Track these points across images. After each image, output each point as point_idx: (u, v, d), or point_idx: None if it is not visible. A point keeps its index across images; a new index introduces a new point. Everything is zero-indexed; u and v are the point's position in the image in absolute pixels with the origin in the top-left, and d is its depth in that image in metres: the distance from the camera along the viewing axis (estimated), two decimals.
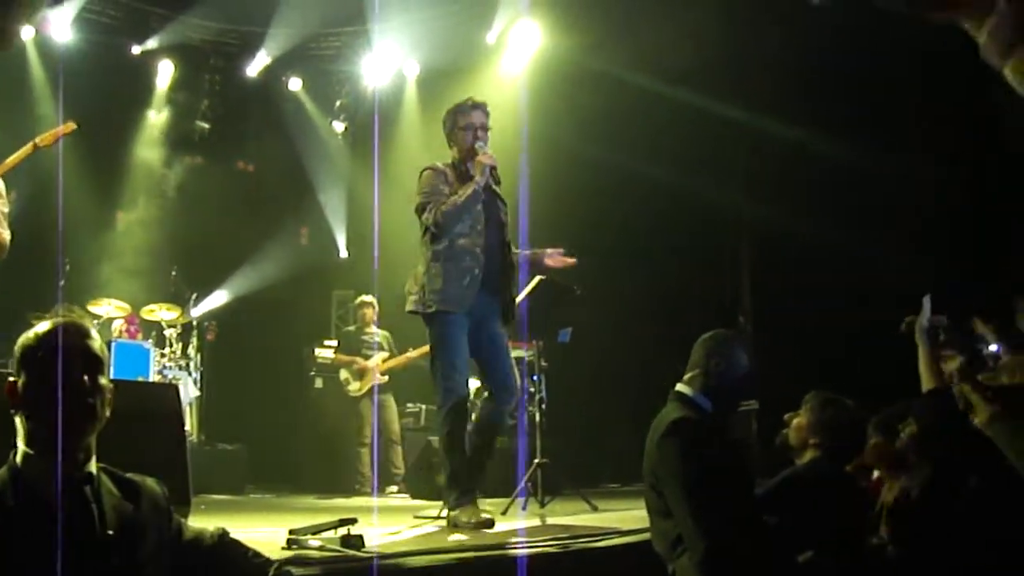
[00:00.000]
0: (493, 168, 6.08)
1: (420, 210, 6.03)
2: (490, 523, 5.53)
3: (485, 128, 6.19)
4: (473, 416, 6.36)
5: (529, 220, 6.64)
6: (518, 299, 7.01)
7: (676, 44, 10.78)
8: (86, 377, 2.56)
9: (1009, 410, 3.81)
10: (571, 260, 6.48)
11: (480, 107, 6.29)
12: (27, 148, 6.57)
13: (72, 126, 7.40)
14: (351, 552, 4.01)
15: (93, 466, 2.57)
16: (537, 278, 6.82)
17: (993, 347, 5.43)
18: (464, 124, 6.18)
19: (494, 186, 6.18)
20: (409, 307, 6.11)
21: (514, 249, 6.35)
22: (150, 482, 2.74)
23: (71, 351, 2.55)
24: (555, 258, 6.45)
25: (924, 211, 10.12)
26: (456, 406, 5.91)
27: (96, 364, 2.61)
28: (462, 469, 5.84)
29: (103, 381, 2.60)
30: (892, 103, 10.22)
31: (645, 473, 3.88)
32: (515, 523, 5.99)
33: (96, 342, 2.64)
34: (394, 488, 10.25)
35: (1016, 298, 5.45)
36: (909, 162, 9.96)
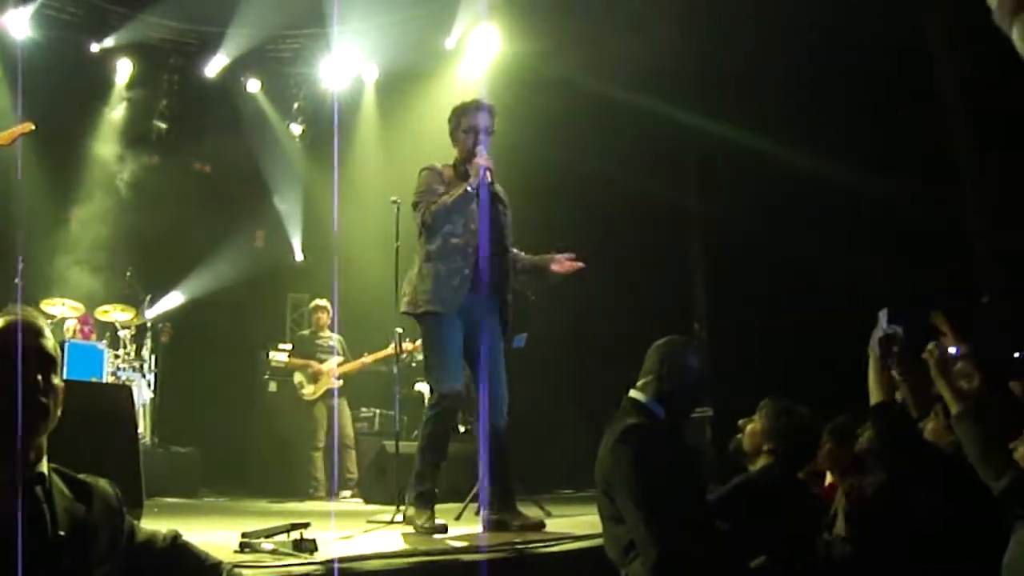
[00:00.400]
0: (489, 170, 5.98)
1: (413, 209, 6.05)
2: (443, 528, 5.53)
3: (488, 131, 6.15)
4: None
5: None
6: None
7: (633, 51, 10.85)
8: (39, 376, 2.54)
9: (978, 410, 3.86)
10: (579, 264, 6.35)
11: (486, 108, 6.23)
12: None
13: (30, 126, 7.36)
14: (304, 556, 4.01)
15: (44, 466, 2.55)
16: None
17: (952, 349, 5.51)
18: (467, 126, 6.15)
19: (496, 187, 6.13)
20: (401, 308, 6.09)
21: (519, 253, 6.32)
22: (102, 483, 2.72)
23: (24, 350, 2.53)
24: (563, 264, 6.32)
25: (879, 216, 10.23)
26: (443, 410, 5.87)
27: (49, 363, 2.59)
28: (429, 472, 5.80)
29: (56, 381, 2.58)
30: (847, 109, 10.32)
31: (598, 479, 3.87)
32: (469, 528, 5.96)
33: (49, 341, 2.62)
34: (348, 493, 10.22)
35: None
36: (864, 168, 10.07)
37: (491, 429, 5.87)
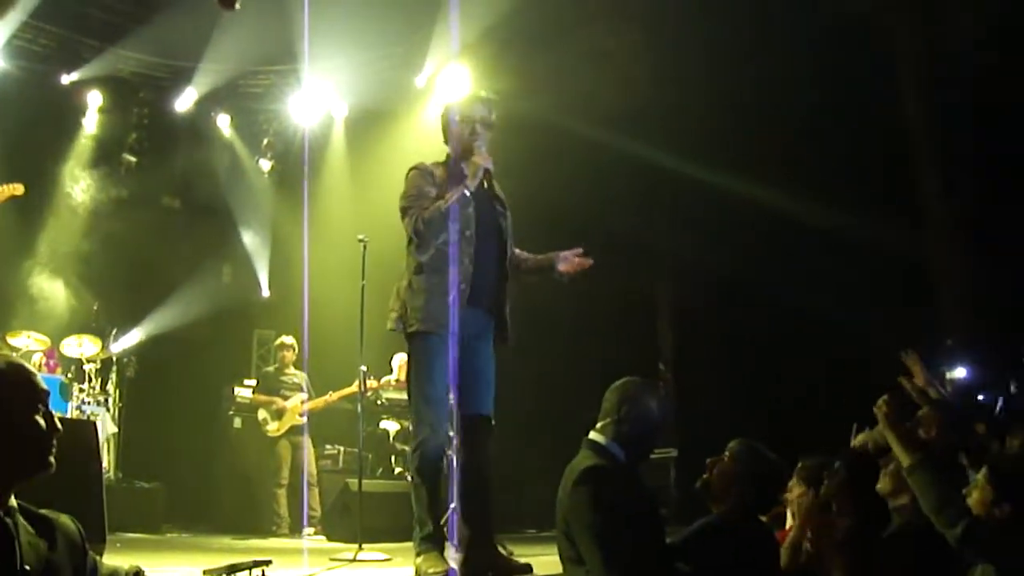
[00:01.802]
0: (488, 171, 5.48)
1: (402, 216, 5.41)
2: (458, 573, 5.04)
3: (487, 124, 5.57)
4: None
5: None
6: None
7: (602, 89, 10.98)
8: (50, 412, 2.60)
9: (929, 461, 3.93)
10: (588, 262, 5.83)
11: (484, 101, 5.71)
12: None
13: (20, 189, 7.47)
14: None
15: (13, 500, 2.57)
16: None
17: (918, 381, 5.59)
18: (463, 116, 5.57)
19: (494, 189, 5.65)
20: (389, 325, 5.48)
21: (522, 253, 5.83)
22: (64, 519, 2.72)
23: (43, 391, 2.58)
24: (570, 261, 5.80)
25: (848, 256, 10.34)
26: (429, 441, 5.22)
27: (47, 400, 2.63)
28: (428, 513, 5.20)
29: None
30: (818, 149, 10.45)
31: (557, 520, 3.89)
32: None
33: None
34: (311, 530, 10.18)
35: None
36: (835, 208, 10.20)
37: (473, 457, 5.37)
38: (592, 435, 4.07)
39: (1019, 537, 3.59)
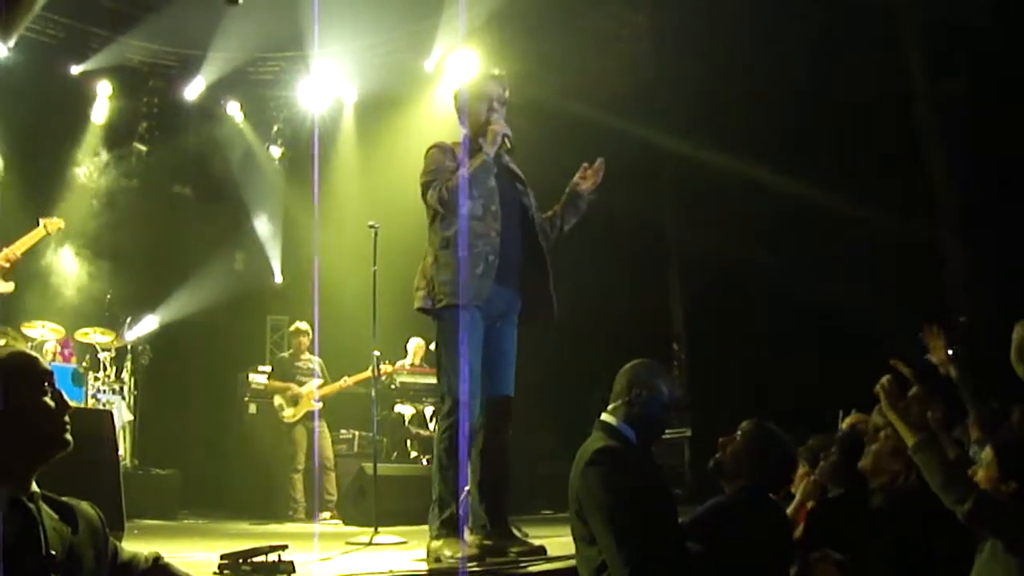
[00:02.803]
0: (506, 136, 5.41)
1: (424, 191, 5.36)
2: (478, 556, 4.91)
3: (502, 101, 5.57)
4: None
5: None
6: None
7: (608, 71, 10.98)
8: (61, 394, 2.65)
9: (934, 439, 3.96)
10: (596, 166, 5.89)
11: (498, 79, 5.68)
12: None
13: (61, 223, 7.78)
14: None
15: (35, 486, 2.61)
16: None
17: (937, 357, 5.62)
18: (480, 94, 5.57)
19: (510, 164, 5.62)
20: (417, 304, 5.36)
21: (546, 215, 5.74)
22: (85, 505, 2.76)
23: (45, 372, 2.63)
24: (586, 176, 5.86)
25: (857, 237, 10.32)
26: (461, 421, 5.10)
27: (52, 379, 2.68)
28: (452, 495, 5.11)
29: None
30: (826, 130, 10.42)
31: (570, 501, 3.90)
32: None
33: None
34: (327, 515, 10.23)
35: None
36: (843, 190, 10.18)
37: (493, 439, 5.32)
38: (604, 416, 4.07)
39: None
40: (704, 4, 10.17)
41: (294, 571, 4.15)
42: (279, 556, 4.15)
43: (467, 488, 5.44)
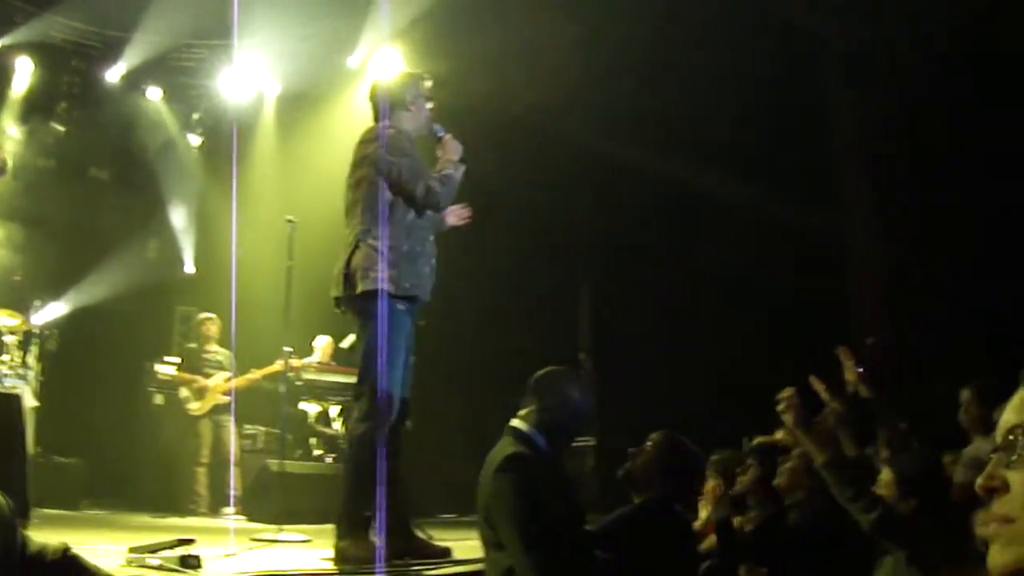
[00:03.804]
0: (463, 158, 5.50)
1: (408, 177, 5.25)
2: (387, 557, 4.89)
3: (429, 99, 5.66)
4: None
5: None
6: None
7: (532, 79, 11.05)
8: None
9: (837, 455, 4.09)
10: (468, 212, 5.90)
11: (417, 76, 5.77)
12: None
13: None
14: (189, 572, 4.04)
15: None
16: None
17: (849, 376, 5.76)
18: (424, 92, 5.62)
19: None
20: (369, 286, 5.14)
21: None
22: None
23: None
24: (455, 214, 5.83)
25: (769, 248, 10.48)
26: (384, 424, 5.10)
27: None
28: (363, 495, 5.02)
29: None
30: (743, 136, 10.57)
31: (479, 506, 3.94)
32: None
33: None
34: (230, 510, 10.16)
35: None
36: (756, 201, 10.35)
37: (397, 440, 5.25)
38: (515, 422, 4.10)
39: (926, 527, 3.77)
40: (632, 20, 10.27)
41: (201, 566, 4.14)
42: (187, 550, 4.14)
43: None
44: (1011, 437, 1.31)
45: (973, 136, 9.02)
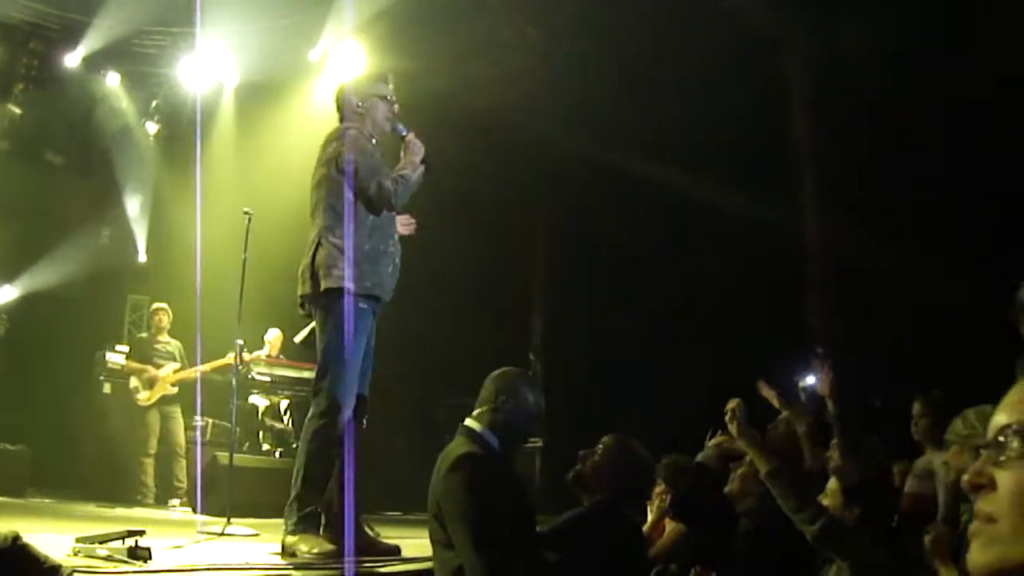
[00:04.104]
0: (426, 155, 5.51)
1: (364, 175, 5.25)
2: (335, 554, 4.91)
3: (394, 101, 5.65)
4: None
5: None
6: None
7: (493, 78, 11.08)
8: None
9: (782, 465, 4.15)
10: (413, 221, 5.87)
11: (391, 80, 5.72)
12: None
13: None
14: (138, 564, 4.01)
15: None
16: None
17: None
18: (385, 94, 5.60)
19: None
20: (332, 283, 5.16)
21: None
22: None
23: None
24: (401, 222, 5.74)
25: (734, 250, 10.56)
26: (339, 420, 5.10)
27: None
28: (314, 491, 5.11)
29: None
30: (705, 138, 10.64)
31: (430, 504, 3.94)
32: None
33: None
34: (176, 502, 10.11)
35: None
36: (719, 194, 10.43)
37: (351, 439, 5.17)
38: (468, 422, 4.12)
39: (869, 536, 3.83)
40: (591, 20, 10.32)
41: (151, 557, 4.12)
42: (136, 541, 4.11)
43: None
44: (1001, 438, 1.32)
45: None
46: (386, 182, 5.27)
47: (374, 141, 5.53)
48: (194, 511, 9.01)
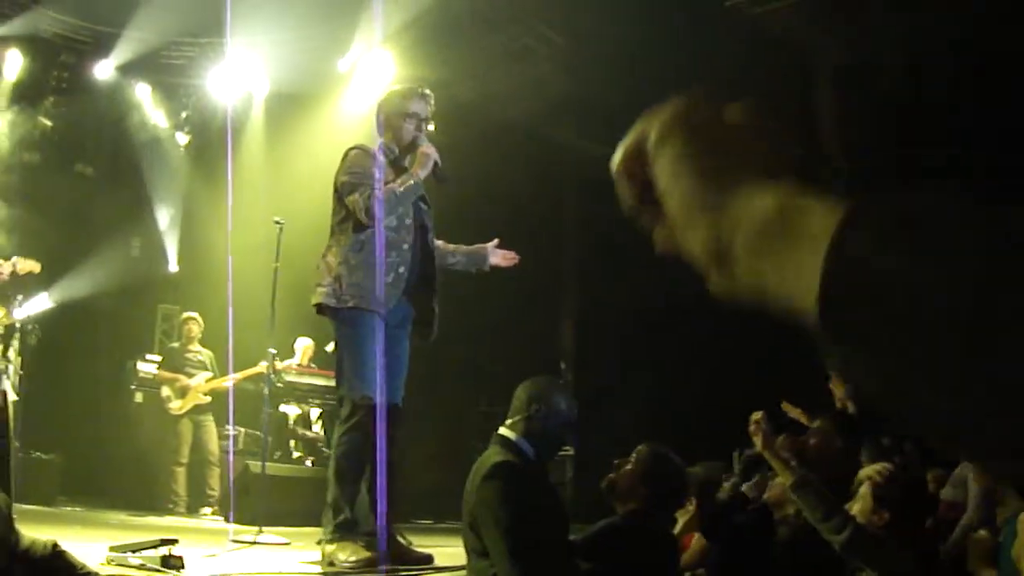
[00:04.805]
0: (436, 164, 5.46)
1: (345, 191, 5.33)
2: (373, 562, 4.95)
3: (428, 120, 5.71)
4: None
5: None
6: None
7: (520, 86, 11.07)
8: None
9: (812, 475, 4.11)
10: (511, 256, 6.09)
11: (426, 97, 5.71)
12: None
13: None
14: (171, 573, 4.02)
15: None
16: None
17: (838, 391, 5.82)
18: (408, 111, 5.61)
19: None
20: (317, 299, 5.36)
21: (447, 245, 5.93)
22: None
23: None
24: (499, 257, 6.02)
25: None
26: (359, 424, 5.17)
27: None
28: (347, 498, 5.17)
29: None
30: None
31: (464, 513, 3.93)
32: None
33: None
34: (208, 510, 10.13)
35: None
36: None
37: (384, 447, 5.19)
38: (502, 431, 4.11)
39: (897, 543, 3.79)
40: (617, 28, 10.29)
41: (184, 567, 4.12)
42: (170, 551, 4.12)
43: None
44: None
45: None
46: (356, 195, 5.29)
47: (396, 154, 5.60)
48: (226, 520, 9.03)
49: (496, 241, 6.05)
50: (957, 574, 3.92)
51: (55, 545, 2.89)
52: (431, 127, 5.75)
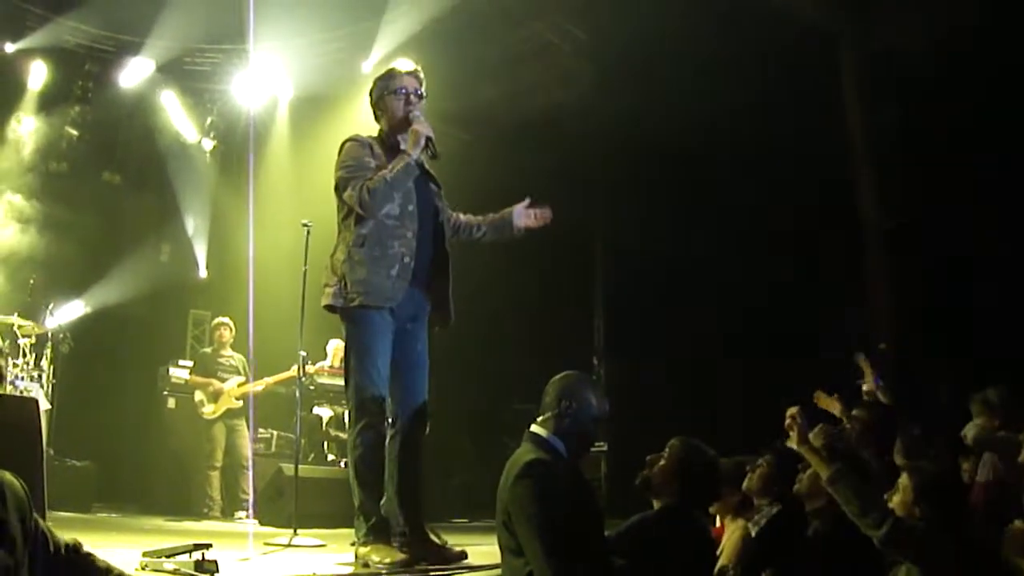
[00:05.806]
0: (429, 139, 5.26)
1: (341, 187, 5.22)
2: (408, 563, 4.90)
3: (419, 94, 5.45)
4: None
5: None
6: None
7: (543, 82, 11.04)
8: None
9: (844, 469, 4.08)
10: (547, 213, 5.80)
11: (412, 73, 5.52)
12: None
13: None
14: None
15: None
16: None
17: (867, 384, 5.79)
18: (396, 87, 5.43)
19: (426, 165, 5.42)
20: (326, 301, 5.24)
21: (471, 217, 5.75)
22: (8, 476, 2.74)
23: None
24: (528, 215, 5.73)
25: (785, 257, 10.45)
26: (371, 424, 5.08)
27: None
28: (373, 500, 5.09)
29: None
30: (760, 150, 10.53)
31: (498, 511, 3.91)
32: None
33: None
34: (242, 514, 10.14)
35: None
36: (769, 207, 10.32)
37: (408, 443, 5.24)
38: (534, 428, 4.08)
39: (939, 537, 3.75)
40: (641, 21, 10.24)
41: (218, 571, 4.11)
42: (203, 555, 4.11)
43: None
44: None
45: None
46: (350, 189, 5.17)
47: (394, 137, 5.44)
48: (260, 523, 9.04)
49: (527, 201, 5.76)
50: (994, 565, 3.86)
51: (79, 545, 2.89)
52: (423, 102, 5.48)
